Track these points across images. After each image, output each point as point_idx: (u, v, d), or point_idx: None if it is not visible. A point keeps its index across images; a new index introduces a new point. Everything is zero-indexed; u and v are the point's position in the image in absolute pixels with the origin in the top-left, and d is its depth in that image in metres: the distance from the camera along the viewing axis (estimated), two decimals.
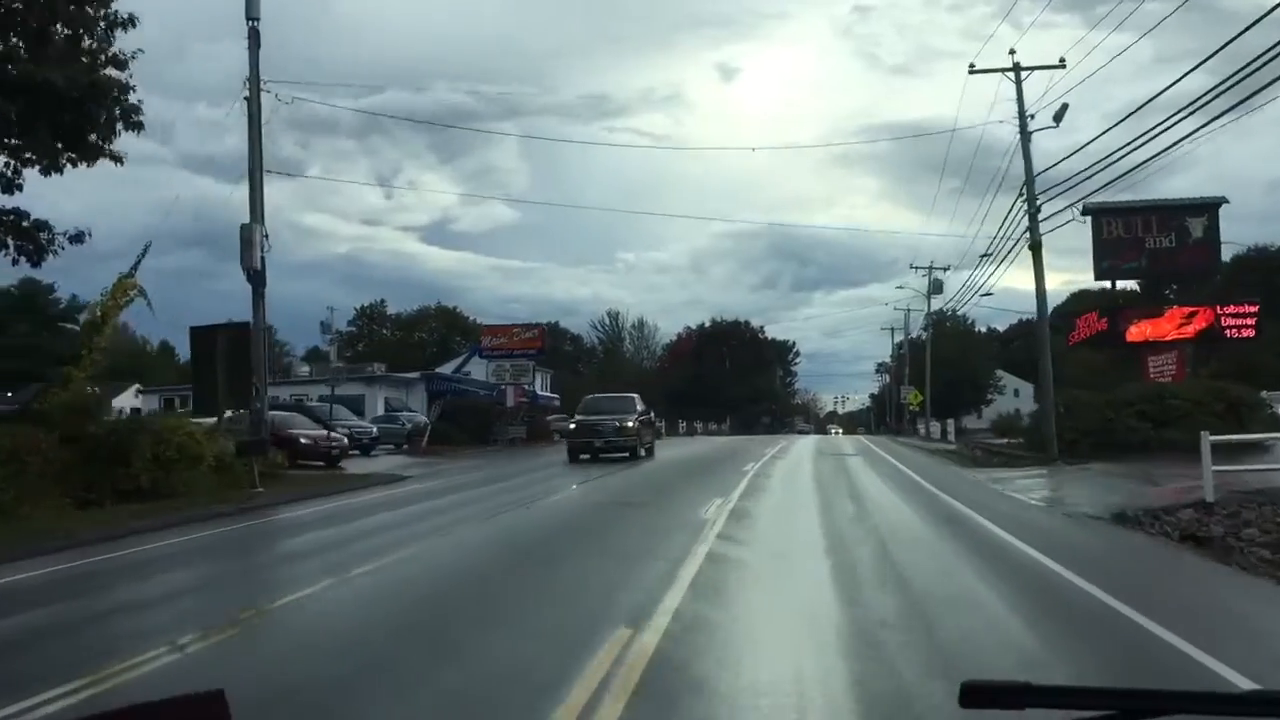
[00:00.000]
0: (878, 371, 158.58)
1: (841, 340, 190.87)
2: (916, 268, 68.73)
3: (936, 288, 67.24)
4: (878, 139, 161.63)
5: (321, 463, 28.84)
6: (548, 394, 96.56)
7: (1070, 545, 12.22)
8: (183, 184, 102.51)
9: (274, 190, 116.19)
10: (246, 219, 24.48)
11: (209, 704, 1.15)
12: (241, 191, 23.88)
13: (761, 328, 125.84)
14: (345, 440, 31.43)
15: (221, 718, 1.16)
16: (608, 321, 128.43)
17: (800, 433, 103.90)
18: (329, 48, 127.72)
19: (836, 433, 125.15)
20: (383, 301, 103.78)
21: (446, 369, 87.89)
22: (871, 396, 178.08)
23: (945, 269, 66.58)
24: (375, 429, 37.68)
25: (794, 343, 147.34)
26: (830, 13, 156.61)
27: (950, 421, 68.96)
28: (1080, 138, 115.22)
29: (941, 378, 69.17)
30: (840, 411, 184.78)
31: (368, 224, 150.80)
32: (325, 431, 30.79)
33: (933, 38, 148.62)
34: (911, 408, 73.87)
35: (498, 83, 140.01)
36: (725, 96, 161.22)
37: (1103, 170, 27.85)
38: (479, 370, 56.07)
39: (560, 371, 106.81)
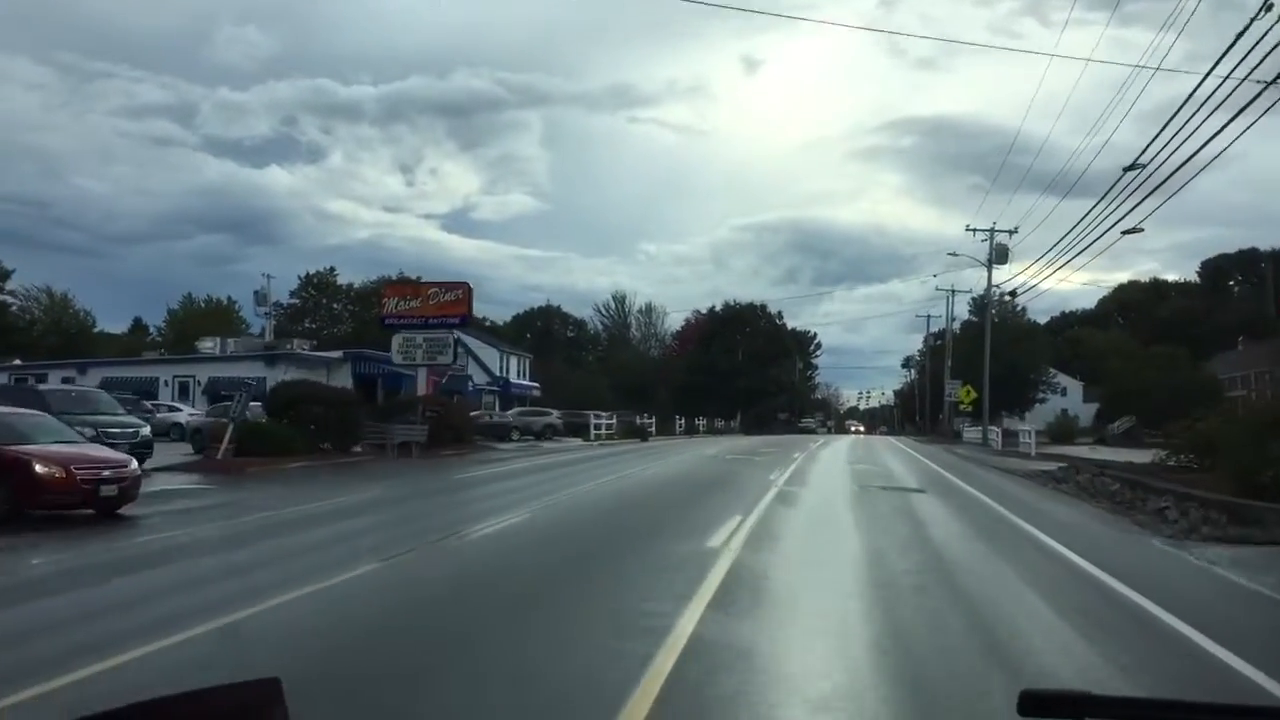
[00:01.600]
0: (905, 366, 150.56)
1: (862, 336, 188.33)
2: (975, 230, 54.53)
3: (1000, 255, 53.09)
4: (904, 133, 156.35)
5: (87, 509, 14.42)
6: (524, 381, 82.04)
7: None
8: (205, 166, 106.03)
9: (298, 177, 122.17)
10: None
11: (264, 689, 1.14)
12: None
13: (779, 313, 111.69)
14: (135, 466, 16.61)
15: (276, 703, 1.14)
16: (613, 305, 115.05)
17: (803, 430, 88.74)
18: (357, 34, 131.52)
19: (858, 431, 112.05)
20: (332, 270, 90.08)
21: None
22: (896, 393, 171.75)
23: (1010, 232, 52.53)
24: (145, 426, 23.66)
25: (815, 333, 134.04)
26: (856, 5, 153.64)
27: (1028, 425, 54.76)
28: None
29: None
30: (862, 408, 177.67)
31: (389, 211, 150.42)
32: (101, 448, 16.57)
33: (959, 31, 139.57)
34: (963, 406, 59.77)
35: (523, 71, 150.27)
36: (749, 88, 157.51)
37: None
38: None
39: (550, 358, 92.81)
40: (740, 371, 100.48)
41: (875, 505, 17.50)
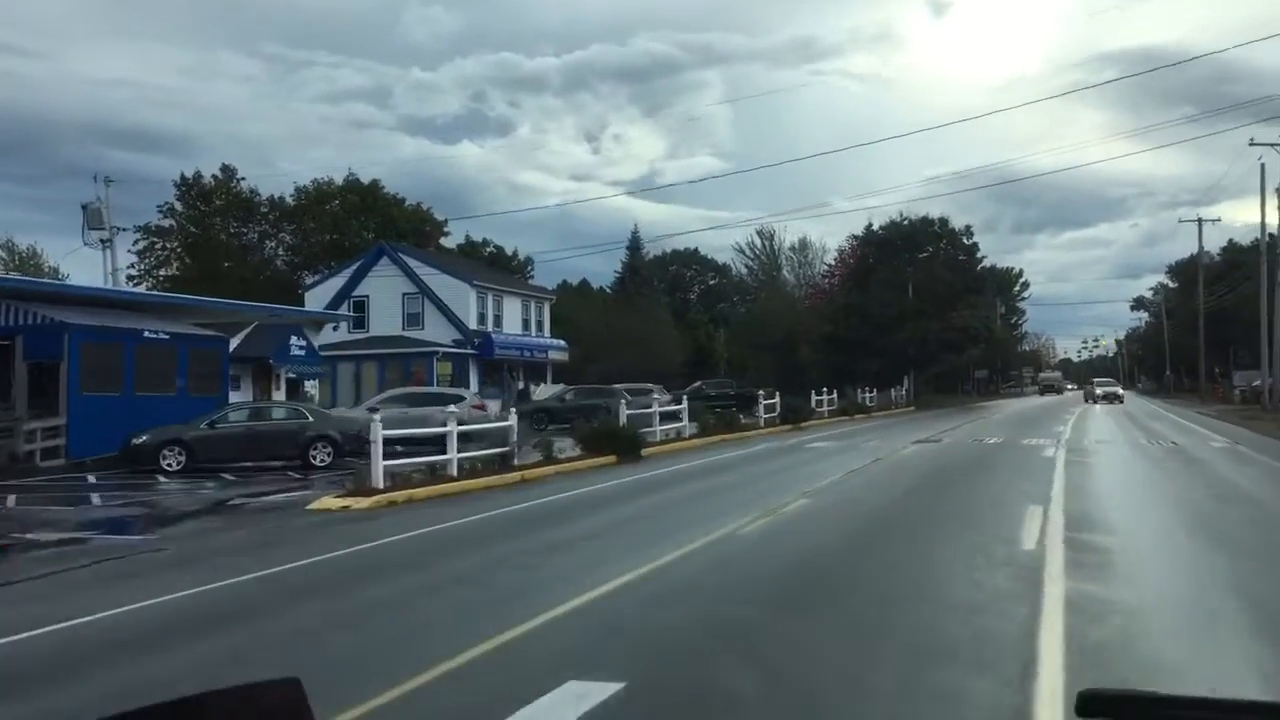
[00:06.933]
0: (1136, 308, 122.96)
1: (1069, 284, 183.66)
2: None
3: None
4: (1106, 67, 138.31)
5: None
6: (539, 338, 50.38)
7: None
8: (401, 145, 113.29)
9: (488, 151, 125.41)
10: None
11: (285, 691, 1.11)
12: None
13: (968, 229, 77.93)
14: None
15: (299, 705, 1.13)
16: (759, 243, 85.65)
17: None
18: (538, 6, 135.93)
19: (1111, 395, 67.81)
20: (231, 174, 61.05)
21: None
22: (1120, 342, 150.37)
23: None
24: None
25: (1020, 270, 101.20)
26: None
27: None
28: None
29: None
30: (1076, 360, 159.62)
31: (577, 180, 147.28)
32: None
33: None
34: None
35: (702, 30, 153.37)
36: (937, 32, 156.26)
37: None
38: None
39: (574, 306, 63.72)
40: (910, 315, 68.94)
41: None
